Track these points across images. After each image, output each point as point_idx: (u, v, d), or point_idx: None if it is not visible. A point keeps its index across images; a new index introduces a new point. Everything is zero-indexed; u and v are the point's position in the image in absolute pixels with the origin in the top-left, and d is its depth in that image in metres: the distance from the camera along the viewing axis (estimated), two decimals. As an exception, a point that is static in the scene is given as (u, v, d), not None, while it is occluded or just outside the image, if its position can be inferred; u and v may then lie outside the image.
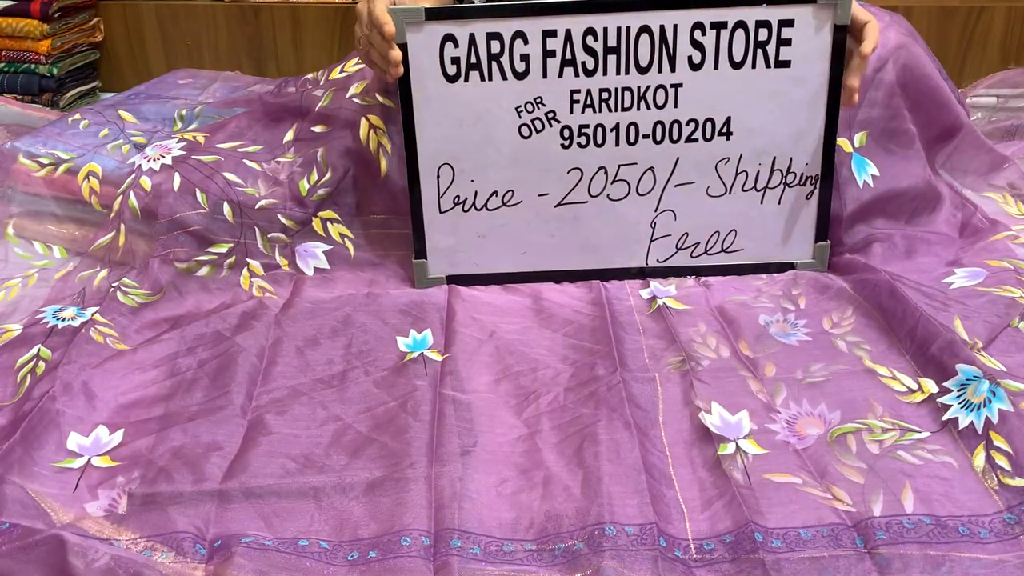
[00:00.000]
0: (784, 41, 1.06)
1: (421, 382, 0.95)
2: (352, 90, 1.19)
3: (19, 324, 1.07)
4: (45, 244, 1.25)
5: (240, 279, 1.15)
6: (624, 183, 1.12)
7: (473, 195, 1.12)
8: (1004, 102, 1.42)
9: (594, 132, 1.09)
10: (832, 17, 1.05)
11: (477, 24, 1.04)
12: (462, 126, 1.09)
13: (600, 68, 1.07)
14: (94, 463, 0.87)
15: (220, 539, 0.77)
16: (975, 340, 0.96)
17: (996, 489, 0.79)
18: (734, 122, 1.09)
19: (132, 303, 1.11)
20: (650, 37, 1.05)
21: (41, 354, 1.00)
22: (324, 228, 1.19)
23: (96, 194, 1.22)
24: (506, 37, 1.05)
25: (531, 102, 1.08)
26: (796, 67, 1.07)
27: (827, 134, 1.10)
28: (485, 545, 0.76)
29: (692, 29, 1.05)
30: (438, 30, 1.05)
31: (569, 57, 1.06)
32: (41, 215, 1.26)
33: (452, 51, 1.06)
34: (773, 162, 1.11)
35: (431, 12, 1.04)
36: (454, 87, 1.07)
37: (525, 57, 1.06)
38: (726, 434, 0.87)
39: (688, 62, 1.07)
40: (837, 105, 1.08)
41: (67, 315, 1.08)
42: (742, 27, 1.05)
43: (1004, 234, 1.14)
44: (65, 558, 0.73)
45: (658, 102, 1.08)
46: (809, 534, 0.75)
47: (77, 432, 0.90)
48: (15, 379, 0.98)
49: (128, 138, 1.30)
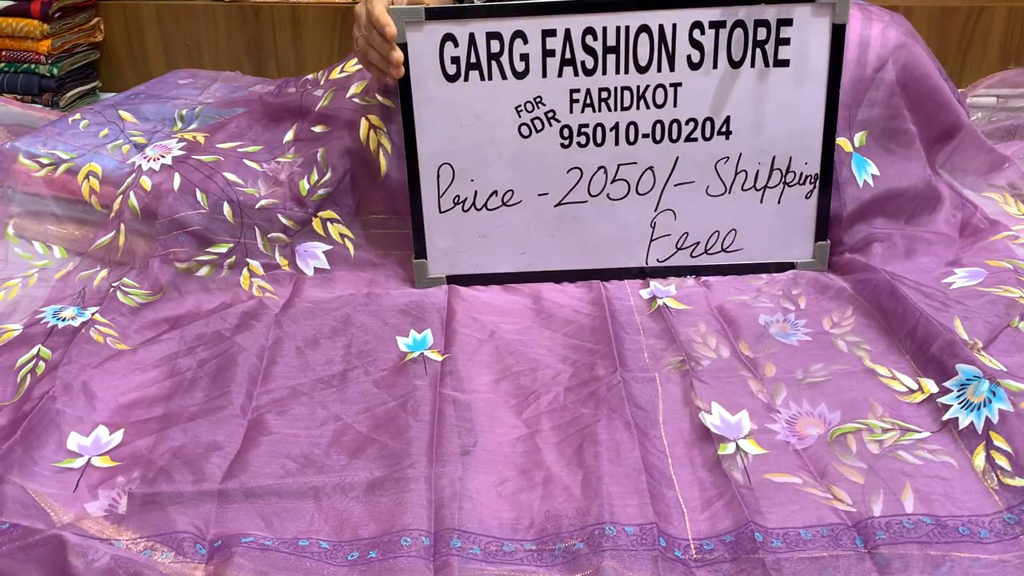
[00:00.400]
0: (783, 40, 1.06)
1: (421, 382, 0.95)
2: (352, 90, 1.19)
3: (19, 324, 1.07)
4: (45, 244, 1.25)
5: (240, 279, 1.15)
6: (624, 182, 1.12)
7: (473, 195, 1.13)
8: (1004, 102, 1.42)
9: (593, 131, 1.09)
10: (831, 16, 1.05)
11: (477, 24, 1.04)
12: (462, 126, 1.09)
13: (599, 67, 1.07)
14: (94, 463, 0.87)
15: (220, 539, 0.76)
16: (975, 340, 0.96)
17: (996, 489, 0.79)
18: (733, 121, 1.09)
19: (132, 303, 1.11)
20: (649, 36, 1.05)
21: (41, 354, 1.00)
22: (324, 228, 1.19)
23: (96, 194, 1.22)
24: (506, 36, 1.05)
25: (531, 102, 1.08)
26: (795, 66, 1.07)
27: (826, 133, 1.10)
28: (485, 545, 0.76)
29: (691, 28, 1.05)
30: (438, 30, 1.05)
31: (569, 56, 1.06)
32: (41, 215, 1.26)
33: (452, 51, 1.06)
34: (772, 161, 1.11)
35: (431, 12, 1.04)
36: (454, 87, 1.07)
37: (525, 57, 1.06)
38: (726, 434, 0.87)
39: (687, 61, 1.07)
40: (836, 104, 1.08)
41: (67, 315, 1.08)
42: (741, 26, 1.05)
43: (1004, 234, 1.14)
44: (65, 558, 0.73)
45: (657, 101, 1.08)
46: (809, 534, 0.75)
47: (77, 432, 0.90)
48: (15, 379, 0.98)
49: (128, 138, 1.30)
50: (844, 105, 1.12)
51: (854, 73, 1.12)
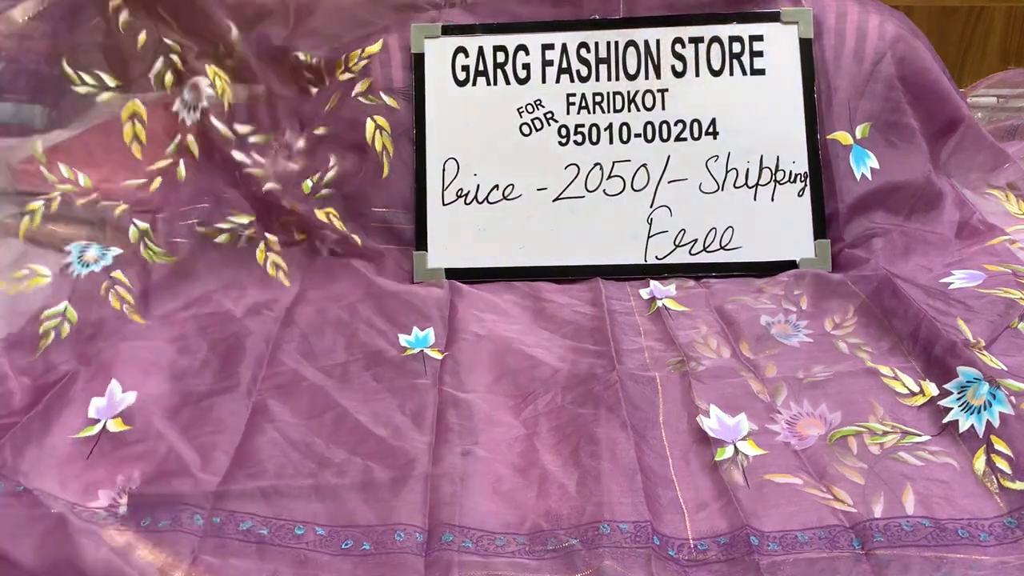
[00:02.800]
0: (757, 53, 1.19)
1: (421, 380, 0.95)
2: (357, 88, 1.25)
3: (48, 271, 1.07)
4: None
5: (256, 252, 1.17)
6: (619, 179, 1.18)
7: (475, 188, 1.19)
8: (1004, 102, 1.43)
9: (589, 131, 1.19)
10: (797, 31, 1.19)
11: (485, 38, 1.21)
12: (468, 124, 1.20)
13: (593, 75, 1.20)
14: (109, 427, 0.88)
15: (217, 525, 0.77)
16: (978, 339, 0.94)
17: (996, 492, 0.78)
18: (719, 123, 1.18)
19: (150, 258, 1.12)
20: (636, 50, 1.20)
21: (68, 315, 1.01)
22: (328, 219, 1.20)
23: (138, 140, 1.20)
24: (510, 49, 1.21)
25: (531, 103, 1.20)
26: (770, 74, 1.18)
27: (809, 133, 1.17)
28: (478, 539, 0.75)
29: (673, 43, 1.20)
30: (452, 42, 1.21)
31: (565, 66, 1.20)
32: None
33: (463, 60, 1.21)
34: (761, 160, 1.17)
35: (447, 28, 1.22)
36: (463, 90, 1.20)
37: (526, 66, 1.20)
38: (724, 437, 0.86)
39: (672, 70, 1.19)
40: (814, 108, 1.17)
41: (90, 257, 1.09)
42: (717, 41, 1.19)
43: (1001, 238, 1.13)
44: (66, 546, 0.72)
45: (647, 104, 1.19)
46: (806, 536, 0.74)
47: (97, 397, 0.91)
48: (37, 332, 0.99)
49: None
50: (844, 98, 1.19)
51: (852, 66, 1.19)
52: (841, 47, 1.20)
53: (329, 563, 0.74)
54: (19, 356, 0.96)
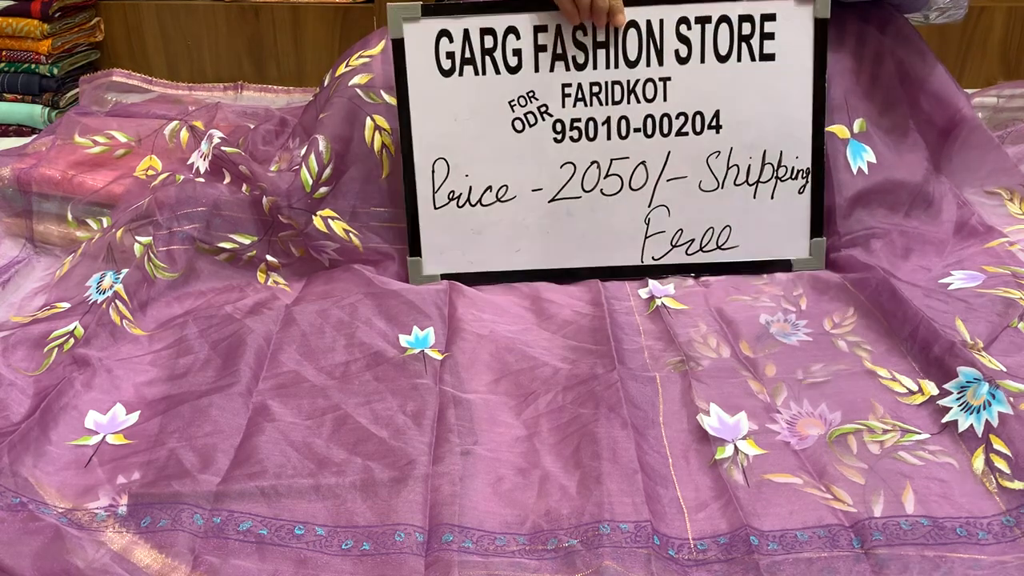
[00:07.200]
0: (767, 35, 1.08)
1: (421, 380, 0.95)
2: (356, 79, 1.18)
3: (68, 303, 1.10)
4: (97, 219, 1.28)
5: (256, 272, 1.17)
6: (617, 177, 1.14)
7: (468, 190, 1.14)
8: (1005, 102, 1.43)
9: (586, 126, 1.12)
10: (812, 10, 1.08)
11: (471, 19, 1.07)
12: (456, 120, 1.11)
13: (590, 62, 1.09)
14: (109, 440, 0.88)
15: (217, 525, 0.78)
16: (976, 340, 0.95)
17: (995, 491, 0.79)
18: (723, 115, 1.12)
19: (151, 274, 1.12)
20: (637, 32, 1.08)
21: (75, 332, 1.02)
22: (327, 226, 1.18)
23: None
24: (499, 32, 1.08)
25: (524, 96, 1.11)
26: (780, 60, 1.09)
27: (815, 127, 1.12)
28: (478, 539, 0.76)
29: (678, 24, 1.08)
30: (434, 25, 1.07)
31: (560, 52, 1.09)
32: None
33: (447, 46, 1.08)
34: (763, 156, 1.13)
35: (427, 8, 1.07)
36: (448, 81, 1.10)
37: (517, 52, 1.09)
38: (724, 436, 0.87)
39: (675, 56, 1.09)
40: (823, 97, 1.11)
41: (106, 284, 1.10)
42: (726, 21, 1.08)
43: (1000, 240, 1.14)
44: (65, 551, 0.74)
45: (647, 95, 1.11)
46: (806, 536, 0.75)
47: (95, 411, 0.92)
48: (43, 351, 1.00)
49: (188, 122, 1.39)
50: (842, 94, 1.13)
51: (852, 63, 1.13)
52: (841, 46, 1.13)
53: (329, 563, 0.74)
54: (22, 365, 0.98)
